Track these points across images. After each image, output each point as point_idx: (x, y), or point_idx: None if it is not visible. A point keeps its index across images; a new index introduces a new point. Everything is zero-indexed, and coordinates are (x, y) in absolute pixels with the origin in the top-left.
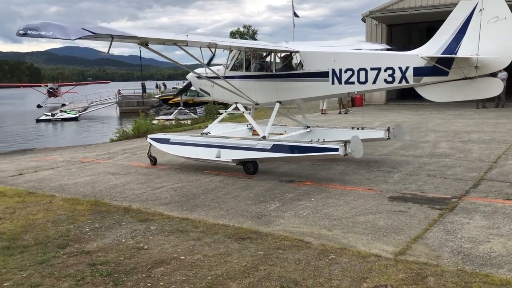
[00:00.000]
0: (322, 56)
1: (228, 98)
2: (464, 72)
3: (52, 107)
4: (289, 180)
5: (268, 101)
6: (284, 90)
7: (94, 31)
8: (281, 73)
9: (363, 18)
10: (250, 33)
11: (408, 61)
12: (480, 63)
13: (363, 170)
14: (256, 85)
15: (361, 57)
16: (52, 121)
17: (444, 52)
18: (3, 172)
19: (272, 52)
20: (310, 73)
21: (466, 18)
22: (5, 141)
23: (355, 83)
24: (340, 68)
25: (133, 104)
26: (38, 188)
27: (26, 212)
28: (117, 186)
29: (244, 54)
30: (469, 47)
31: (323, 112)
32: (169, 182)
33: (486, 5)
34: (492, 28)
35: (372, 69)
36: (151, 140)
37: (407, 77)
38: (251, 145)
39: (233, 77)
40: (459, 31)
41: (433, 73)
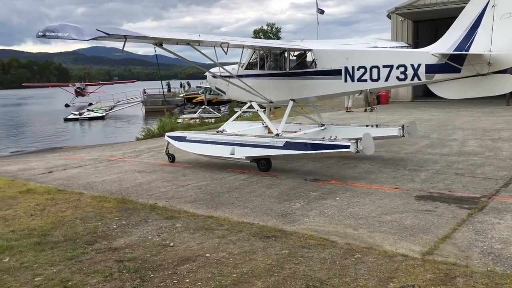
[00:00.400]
0: (335, 54)
1: (243, 97)
2: (477, 69)
3: (79, 106)
4: (314, 179)
5: (282, 99)
6: (297, 88)
7: (107, 31)
8: (294, 71)
9: (388, 14)
10: (273, 31)
11: (420, 58)
12: (493, 59)
13: (389, 169)
14: (270, 84)
15: (373, 54)
16: (80, 120)
17: (456, 49)
18: (33, 170)
19: (286, 50)
20: (323, 71)
21: (479, 14)
22: (35, 140)
23: (367, 80)
24: (352, 66)
25: (158, 103)
26: (67, 186)
27: (56, 209)
28: (143, 184)
29: (258, 53)
30: (482, 43)
31: (348, 110)
32: (194, 180)
33: (498, 1)
34: (505, 24)
35: (384, 66)
36: (168, 138)
37: (419, 74)
38: (264, 143)
39: (247, 75)
40: (472, 27)
41: (445, 70)
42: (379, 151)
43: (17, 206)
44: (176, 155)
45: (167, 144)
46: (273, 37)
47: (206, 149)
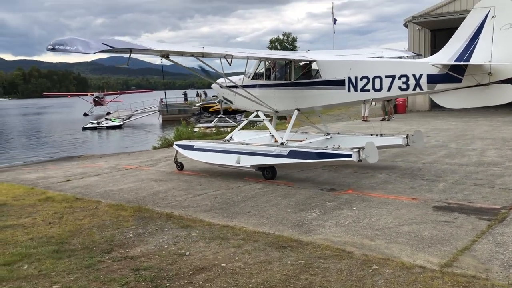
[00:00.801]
0: (338, 65)
1: (249, 106)
2: (477, 79)
3: (97, 116)
4: (330, 189)
5: (287, 109)
6: (302, 98)
7: (112, 45)
8: (299, 81)
9: (405, 23)
10: (289, 40)
11: (422, 69)
12: (494, 69)
13: (407, 179)
14: (276, 93)
15: (375, 65)
16: (98, 129)
17: (457, 59)
18: (52, 178)
19: (290, 61)
20: (327, 81)
21: (479, 25)
22: (54, 148)
23: (370, 90)
24: (355, 76)
25: (175, 112)
26: (84, 194)
27: (73, 217)
28: (159, 192)
29: (264, 64)
30: (482, 54)
31: (365, 119)
32: (210, 189)
33: (498, 12)
34: (505, 35)
35: (386, 76)
36: (177, 147)
37: (421, 84)
38: (269, 151)
39: (253, 86)
40: (472, 38)
41: (446, 80)
42: (396, 160)
43: (36, 214)
44: (192, 164)
45: (175, 153)
46: (289, 46)
47: (212, 158)
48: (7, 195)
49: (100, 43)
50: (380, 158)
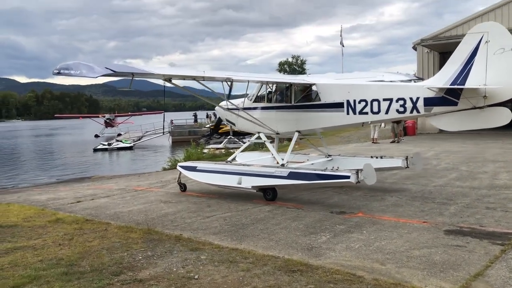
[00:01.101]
0: (337, 88)
1: (251, 128)
2: (473, 102)
3: (108, 137)
4: (340, 211)
5: (288, 131)
6: (302, 120)
7: (115, 69)
8: (299, 104)
9: (414, 46)
10: (298, 63)
11: (419, 92)
12: (488, 93)
13: (417, 202)
14: (277, 116)
15: (373, 88)
16: (109, 150)
17: (453, 83)
18: (62, 199)
19: (290, 84)
20: (326, 104)
21: (473, 50)
22: (65, 169)
23: (368, 113)
24: (354, 99)
25: (185, 133)
26: (94, 216)
27: (83, 239)
28: (168, 214)
29: (265, 87)
30: (477, 77)
31: (374, 141)
32: (219, 211)
33: (491, 37)
34: (499, 59)
35: (384, 99)
36: (180, 168)
37: (418, 107)
38: (269, 172)
39: (255, 108)
40: (467, 62)
41: (443, 103)
42: (406, 183)
43: (46, 236)
44: (201, 186)
45: (179, 174)
46: (298, 69)
47: (214, 179)
48: (18, 216)
49: (103, 68)
50: (390, 181)
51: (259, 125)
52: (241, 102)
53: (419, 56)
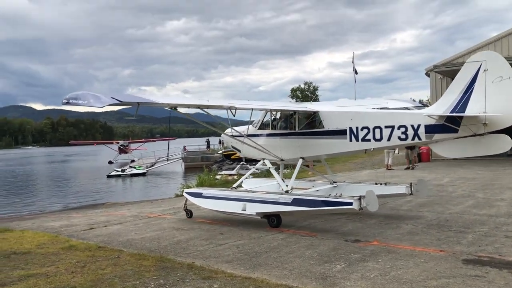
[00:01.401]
0: (339, 115)
1: (256, 155)
2: (473, 129)
3: (122, 163)
4: (355, 240)
5: (292, 157)
6: (306, 147)
7: (121, 99)
8: (303, 131)
9: (427, 72)
10: (311, 89)
11: (420, 119)
12: (488, 120)
13: (434, 230)
14: (281, 142)
15: (375, 115)
16: (122, 177)
17: (453, 110)
18: (76, 226)
19: (294, 112)
20: (329, 131)
21: (472, 78)
22: (79, 196)
23: (371, 140)
24: (356, 126)
25: (198, 159)
26: (107, 243)
27: (96, 267)
28: (181, 242)
29: (269, 114)
30: (476, 105)
31: (389, 167)
32: (232, 239)
33: (490, 65)
34: (497, 87)
35: (386, 127)
36: (186, 195)
37: (419, 135)
38: (273, 199)
39: (260, 135)
40: (466, 90)
41: (443, 131)
42: (421, 210)
43: (59, 263)
44: (213, 213)
45: (185, 200)
46: (310, 95)
47: (219, 205)
48: (32, 243)
49: (109, 98)
50: (405, 208)
51: (264, 152)
52: (246, 129)
53: (432, 82)
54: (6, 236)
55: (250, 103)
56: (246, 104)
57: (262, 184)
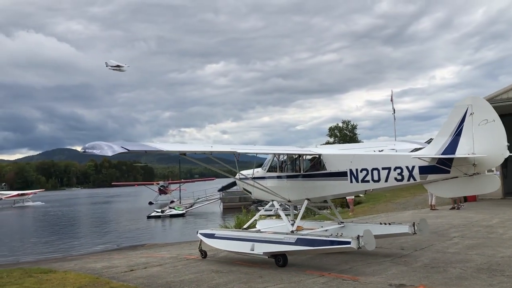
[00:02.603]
0: (340, 158)
1: (265, 197)
2: (463, 170)
3: (162, 204)
4: (399, 284)
5: (298, 199)
6: (311, 188)
7: (129, 148)
8: (307, 173)
9: None
10: (349, 128)
11: (414, 161)
12: (477, 161)
13: (484, 275)
14: (288, 184)
15: (373, 158)
16: (162, 217)
17: (444, 152)
18: (116, 268)
19: (299, 155)
20: (331, 173)
21: (460, 121)
22: (120, 237)
23: (370, 181)
24: (356, 168)
25: (236, 200)
26: (146, 285)
27: None
28: (220, 285)
29: (277, 158)
30: (465, 147)
31: (433, 207)
32: (271, 283)
33: (475, 109)
34: (483, 129)
35: (383, 168)
36: (200, 236)
37: (414, 176)
38: (279, 239)
39: (269, 177)
40: (455, 133)
41: (436, 171)
42: (470, 253)
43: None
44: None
45: (200, 241)
46: (349, 134)
47: (230, 245)
48: (74, 285)
49: (119, 147)
50: (452, 250)
51: (272, 194)
52: (256, 172)
53: None
54: (49, 277)
55: (253, 147)
56: (247, 148)
57: (274, 224)
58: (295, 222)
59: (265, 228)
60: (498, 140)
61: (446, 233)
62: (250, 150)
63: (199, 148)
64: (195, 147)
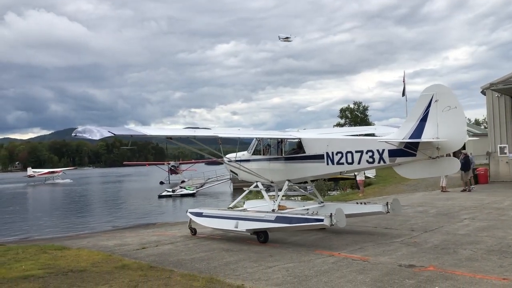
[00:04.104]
0: (318, 142)
1: (250, 178)
2: (428, 153)
3: (173, 184)
4: (409, 265)
5: (279, 180)
6: (291, 170)
7: (115, 132)
8: (288, 156)
9: (482, 90)
10: (360, 109)
11: (384, 145)
12: (440, 145)
13: (495, 256)
14: (270, 166)
15: (347, 142)
16: (172, 197)
17: (411, 137)
18: (128, 245)
19: (281, 140)
20: (310, 156)
21: (426, 108)
22: (132, 215)
23: (344, 163)
24: (332, 152)
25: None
26: (158, 263)
27: (148, 286)
28: (230, 263)
29: (261, 142)
30: (430, 132)
31: (444, 189)
32: (281, 262)
33: (439, 97)
34: (446, 115)
35: (356, 151)
36: (189, 214)
37: (384, 158)
38: (260, 217)
39: (253, 160)
40: (422, 119)
41: (404, 155)
42: (480, 235)
43: (112, 282)
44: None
45: (189, 219)
46: (360, 115)
47: (216, 223)
48: (87, 262)
49: (107, 131)
50: (462, 232)
51: (256, 176)
52: (242, 155)
53: (489, 100)
54: (64, 254)
55: (235, 132)
56: (230, 133)
57: (260, 204)
58: (276, 202)
59: (251, 207)
60: (459, 126)
61: (456, 215)
62: (232, 134)
63: (183, 132)
64: (179, 132)
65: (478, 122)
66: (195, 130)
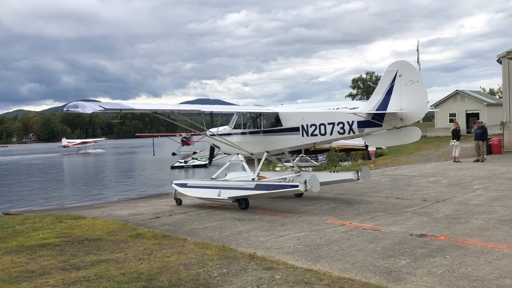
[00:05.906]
0: (294, 115)
1: (231, 151)
2: (392, 124)
3: (185, 155)
4: (420, 234)
5: (259, 151)
6: (270, 143)
7: (105, 106)
8: (267, 129)
9: (499, 59)
10: (373, 79)
11: (354, 117)
12: (403, 116)
13: (507, 226)
14: (250, 139)
15: (320, 115)
16: (185, 168)
17: (378, 109)
18: (142, 215)
19: (260, 114)
20: (287, 129)
21: (391, 82)
22: (145, 185)
23: (318, 135)
24: (306, 124)
25: None
26: (172, 231)
27: (161, 254)
28: (242, 232)
29: (241, 116)
30: (395, 104)
31: (456, 160)
32: (292, 231)
33: (403, 71)
34: (409, 89)
35: (328, 123)
36: (174, 185)
37: (353, 129)
38: (240, 186)
39: (234, 133)
40: (387, 92)
41: (371, 125)
42: (493, 205)
43: (127, 250)
44: (274, 204)
45: (174, 190)
46: (372, 85)
47: (200, 193)
48: (102, 231)
49: (98, 106)
50: (474, 202)
51: (237, 148)
52: (224, 129)
53: (505, 69)
54: (79, 223)
55: (217, 107)
56: (211, 107)
57: (241, 175)
58: (256, 171)
59: (232, 178)
60: (420, 98)
61: (469, 185)
62: (214, 109)
63: (167, 107)
64: (164, 106)
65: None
66: (178, 105)
